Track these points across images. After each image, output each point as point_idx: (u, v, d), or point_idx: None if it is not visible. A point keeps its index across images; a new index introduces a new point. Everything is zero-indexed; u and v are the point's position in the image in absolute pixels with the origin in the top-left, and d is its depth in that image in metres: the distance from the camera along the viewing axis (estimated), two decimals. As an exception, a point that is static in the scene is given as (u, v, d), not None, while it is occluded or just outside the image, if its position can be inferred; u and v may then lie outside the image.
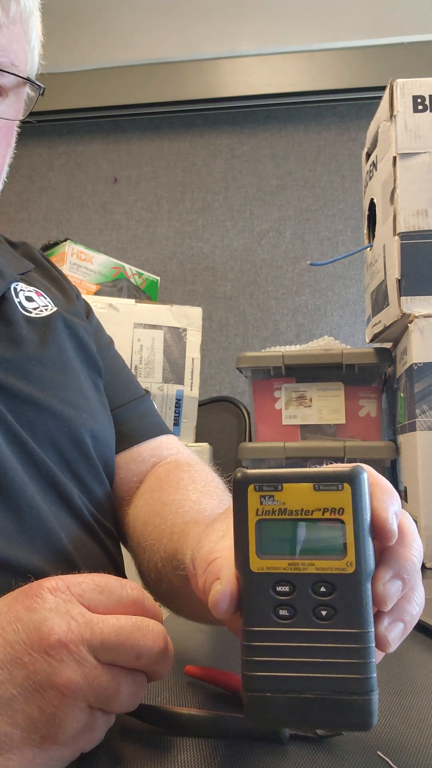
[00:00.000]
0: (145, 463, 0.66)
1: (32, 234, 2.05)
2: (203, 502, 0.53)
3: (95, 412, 0.62)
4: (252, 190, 2.00)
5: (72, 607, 0.32)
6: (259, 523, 0.29)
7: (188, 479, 0.60)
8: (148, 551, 0.55)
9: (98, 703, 0.32)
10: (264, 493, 0.29)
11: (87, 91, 1.99)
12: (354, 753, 0.34)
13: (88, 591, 0.33)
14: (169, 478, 0.61)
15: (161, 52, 1.98)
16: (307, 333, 1.92)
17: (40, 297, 0.64)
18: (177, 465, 0.64)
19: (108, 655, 0.32)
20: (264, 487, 0.30)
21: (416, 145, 1.01)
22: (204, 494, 0.56)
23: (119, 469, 0.66)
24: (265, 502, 0.29)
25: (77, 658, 0.31)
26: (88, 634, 0.31)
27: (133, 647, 0.32)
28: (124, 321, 1.31)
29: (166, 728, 0.37)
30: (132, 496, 0.65)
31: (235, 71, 1.95)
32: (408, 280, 1.00)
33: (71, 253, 1.47)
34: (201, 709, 0.38)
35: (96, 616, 0.32)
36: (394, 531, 0.31)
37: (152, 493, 0.61)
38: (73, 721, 0.31)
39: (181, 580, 0.45)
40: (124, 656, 0.32)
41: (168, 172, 2.04)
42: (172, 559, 0.48)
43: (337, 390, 1.23)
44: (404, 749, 0.34)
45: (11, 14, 0.54)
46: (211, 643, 0.56)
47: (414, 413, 0.97)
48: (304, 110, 1.99)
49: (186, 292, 1.98)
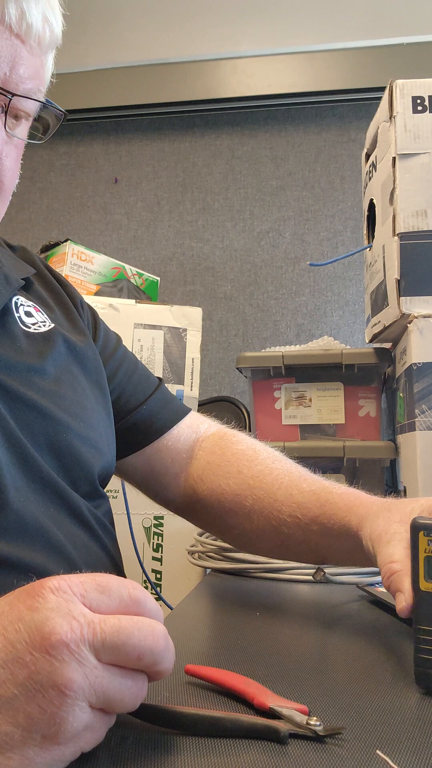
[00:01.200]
0: (188, 439, 0.75)
1: (33, 235, 2.05)
2: (290, 469, 0.69)
3: (94, 423, 0.63)
4: (252, 190, 2.00)
5: (74, 607, 0.32)
6: (427, 558, 0.43)
7: (248, 449, 0.72)
8: (266, 512, 0.66)
9: (99, 703, 0.32)
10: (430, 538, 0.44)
11: (88, 92, 1.99)
12: (353, 752, 0.34)
13: (90, 591, 0.33)
14: (224, 452, 0.72)
15: (162, 52, 1.98)
16: (306, 333, 1.92)
17: (39, 312, 0.65)
18: (220, 437, 0.75)
19: (109, 655, 0.32)
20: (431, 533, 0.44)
21: (416, 145, 1.01)
22: (276, 461, 0.71)
23: (164, 452, 0.74)
24: (430, 543, 0.44)
25: (78, 658, 0.31)
26: (89, 634, 0.31)
27: (134, 647, 0.32)
28: (125, 321, 1.31)
29: (166, 728, 0.37)
30: (186, 470, 0.74)
31: (235, 72, 1.96)
32: (407, 280, 1.00)
33: (71, 254, 1.47)
34: (201, 708, 0.38)
35: (98, 616, 0.32)
36: None
37: (220, 466, 0.71)
38: (74, 721, 0.31)
39: (327, 537, 0.61)
40: (126, 656, 0.32)
41: (168, 172, 2.04)
42: (315, 520, 0.62)
43: (336, 390, 1.23)
44: (404, 749, 0.34)
45: (45, 44, 0.58)
46: (212, 642, 0.56)
47: (413, 413, 0.97)
48: (304, 111, 1.99)
49: (186, 292, 1.98)
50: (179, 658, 0.37)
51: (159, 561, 1.30)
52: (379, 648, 0.52)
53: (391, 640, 0.54)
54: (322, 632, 0.57)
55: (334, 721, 0.38)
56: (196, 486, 0.73)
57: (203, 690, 0.43)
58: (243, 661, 0.49)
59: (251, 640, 0.54)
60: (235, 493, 0.69)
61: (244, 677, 0.42)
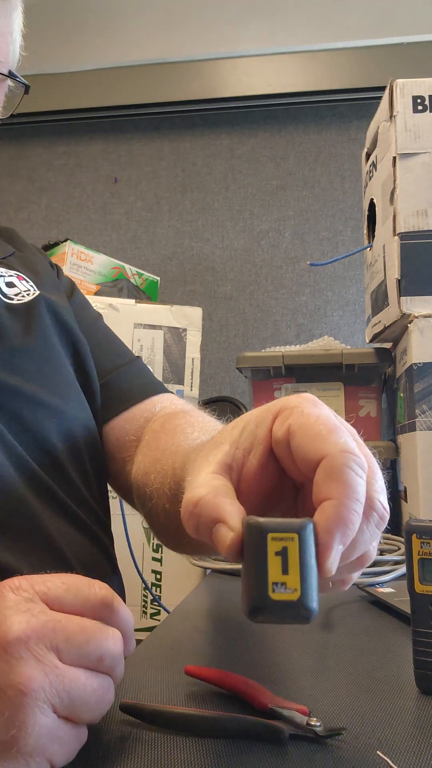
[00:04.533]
0: (138, 420, 0.65)
1: (32, 234, 2.04)
2: (204, 439, 0.50)
3: (82, 401, 0.62)
4: (252, 190, 2.00)
5: (33, 605, 0.31)
6: (421, 561, 0.42)
7: (185, 424, 0.58)
8: (154, 497, 0.54)
9: (63, 707, 0.30)
10: (423, 540, 0.42)
11: (87, 91, 1.99)
12: (354, 753, 0.34)
13: (53, 589, 0.32)
14: (165, 428, 0.60)
15: (161, 52, 1.98)
16: (307, 333, 1.92)
17: (22, 281, 0.63)
18: (173, 414, 0.63)
19: (71, 654, 0.31)
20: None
21: (416, 145, 1.01)
22: (204, 432, 0.53)
23: (113, 431, 0.65)
24: (424, 546, 0.42)
25: (37, 655, 0.29)
26: (49, 631, 0.30)
27: (98, 647, 0.31)
28: (124, 321, 1.31)
29: (166, 728, 0.37)
30: (132, 455, 0.64)
31: (235, 71, 1.95)
32: (408, 280, 1.00)
33: (71, 254, 1.47)
34: (201, 708, 0.38)
35: (59, 615, 0.31)
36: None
37: (149, 445, 0.60)
38: (36, 724, 0.28)
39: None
40: (87, 657, 0.31)
41: (168, 172, 2.04)
42: (177, 495, 0.45)
43: (336, 390, 1.23)
44: (404, 749, 0.34)
45: (8, 8, 0.55)
46: (212, 643, 0.56)
47: (414, 413, 0.97)
48: (303, 110, 1.99)
49: (186, 292, 1.98)
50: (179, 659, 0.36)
51: (159, 561, 1.30)
52: (379, 648, 0.52)
53: (392, 640, 0.54)
54: (322, 633, 0.57)
55: (334, 721, 0.38)
56: (136, 475, 0.61)
57: (203, 691, 0.43)
58: (243, 661, 0.49)
59: (251, 641, 0.54)
60: (144, 472, 0.57)
61: (244, 678, 0.42)
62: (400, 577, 0.71)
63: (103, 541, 0.61)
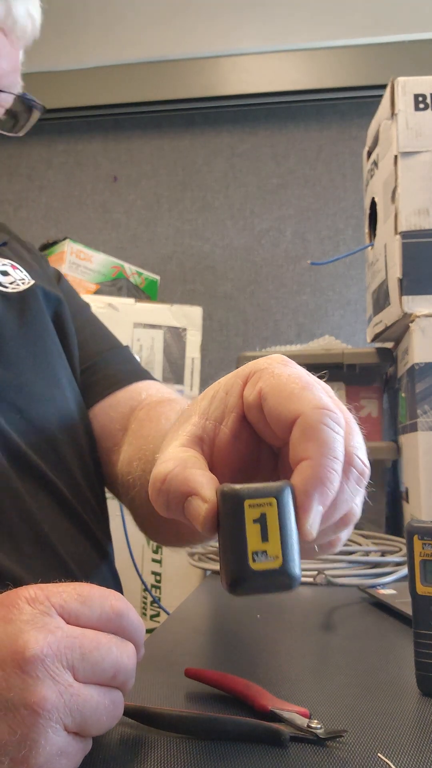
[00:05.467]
0: (123, 407, 0.63)
1: (31, 233, 2.04)
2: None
3: (76, 391, 0.62)
4: (252, 188, 1.99)
5: (50, 619, 0.30)
6: (423, 562, 0.41)
7: (170, 410, 0.57)
8: (137, 484, 0.53)
9: (75, 725, 0.29)
10: (425, 541, 0.41)
11: (86, 90, 1.98)
12: (355, 755, 0.34)
13: (69, 601, 0.31)
14: (150, 416, 0.59)
15: (161, 50, 1.97)
16: (307, 333, 1.92)
17: (16, 270, 0.62)
18: (158, 402, 0.62)
19: (86, 672, 0.30)
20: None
21: (417, 143, 1.01)
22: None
23: (97, 418, 0.64)
24: (425, 547, 0.40)
25: (53, 674, 0.29)
26: (65, 649, 0.29)
27: (113, 664, 0.31)
28: (124, 321, 1.31)
29: (165, 730, 0.37)
30: (119, 445, 0.62)
31: (235, 69, 1.95)
32: (409, 279, 1.00)
33: (70, 252, 1.46)
34: (201, 710, 0.38)
35: (77, 630, 0.31)
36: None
37: (135, 433, 0.59)
38: (47, 744, 0.28)
39: None
40: (102, 674, 0.31)
41: (168, 170, 2.03)
42: None
43: (337, 390, 1.22)
44: (405, 751, 0.34)
45: (26, 37, 0.60)
46: (212, 644, 0.56)
47: (415, 413, 0.96)
48: (304, 109, 1.98)
49: (186, 291, 1.98)
50: (179, 661, 0.36)
51: (158, 563, 1.30)
52: (380, 650, 0.52)
53: (393, 642, 0.54)
54: (323, 635, 0.57)
55: (335, 724, 0.37)
56: (121, 465, 0.60)
57: (203, 692, 0.42)
58: (243, 663, 0.49)
59: (252, 643, 0.54)
60: (128, 461, 0.57)
61: (245, 680, 0.41)
62: (401, 579, 0.71)
63: (92, 530, 0.60)
